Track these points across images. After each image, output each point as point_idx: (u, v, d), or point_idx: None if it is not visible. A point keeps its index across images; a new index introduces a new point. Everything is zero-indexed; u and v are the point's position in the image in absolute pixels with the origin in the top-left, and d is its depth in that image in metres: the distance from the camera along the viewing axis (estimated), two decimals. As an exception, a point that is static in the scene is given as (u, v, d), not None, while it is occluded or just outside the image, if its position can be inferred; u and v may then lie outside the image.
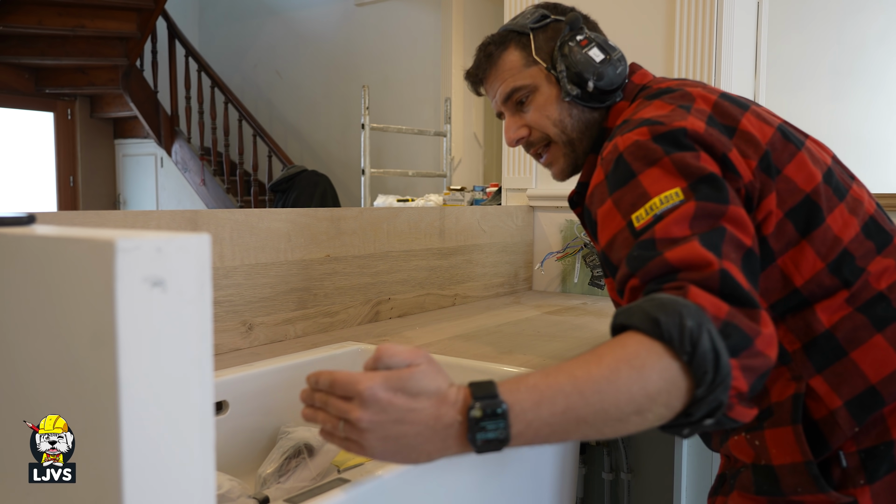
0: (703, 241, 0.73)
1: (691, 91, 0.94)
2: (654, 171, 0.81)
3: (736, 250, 0.75)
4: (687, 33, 2.04)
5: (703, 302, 0.68)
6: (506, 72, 1.07)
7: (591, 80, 1.01)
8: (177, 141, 5.88)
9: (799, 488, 0.83)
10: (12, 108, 5.91)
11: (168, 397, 0.48)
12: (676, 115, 0.87)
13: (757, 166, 0.85)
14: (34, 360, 0.52)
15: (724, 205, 0.77)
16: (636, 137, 0.85)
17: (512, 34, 1.08)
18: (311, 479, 1.02)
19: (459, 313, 1.74)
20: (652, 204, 0.78)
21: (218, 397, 1.06)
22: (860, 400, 0.82)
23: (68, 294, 0.48)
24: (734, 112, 0.90)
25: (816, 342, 0.84)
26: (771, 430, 0.85)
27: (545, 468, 1.04)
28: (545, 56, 1.05)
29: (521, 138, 1.09)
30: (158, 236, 0.47)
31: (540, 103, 1.06)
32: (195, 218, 1.24)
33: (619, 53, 1.04)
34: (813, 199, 0.86)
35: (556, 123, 1.06)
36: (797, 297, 0.85)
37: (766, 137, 0.88)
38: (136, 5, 5.34)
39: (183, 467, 0.50)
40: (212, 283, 0.52)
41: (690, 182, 0.79)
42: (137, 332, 0.46)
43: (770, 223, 0.84)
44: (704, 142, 0.83)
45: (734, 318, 0.68)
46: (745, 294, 0.70)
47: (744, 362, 0.67)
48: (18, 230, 0.55)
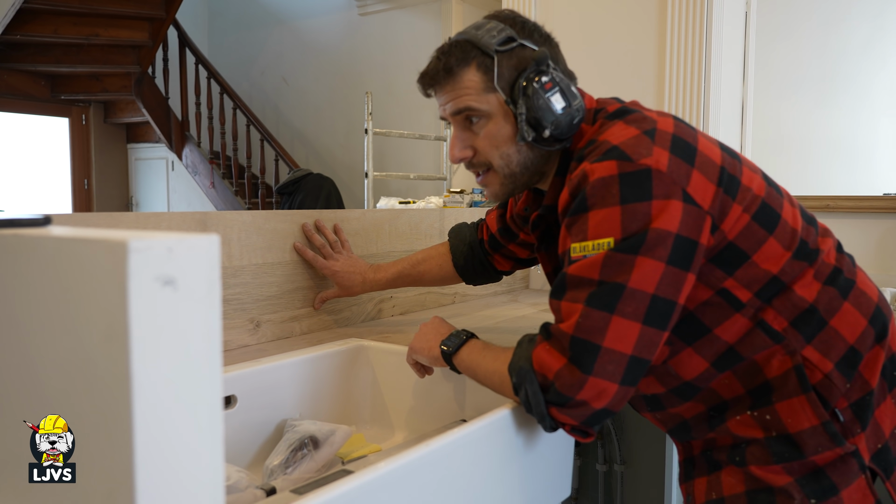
0: (591, 300, 0.85)
1: (649, 115, 0.95)
2: (603, 213, 0.86)
3: (633, 302, 0.84)
4: (677, 42, 2.04)
5: (538, 359, 0.87)
6: (462, 89, 1.00)
7: (548, 128, 0.97)
8: (187, 145, 5.88)
9: (819, 448, 0.89)
10: (29, 113, 5.91)
11: (178, 392, 0.48)
12: (642, 148, 0.88)
13: (717, 187, 0.89)
14: (49, 357, 0.52)
15: (635, 255, 0.84)
16: (603, 173, 0.87)
17: (475, 51, 0.99)
18: (316, 471, 1.02)
19: (459, 311, 1.74)
20: (585, 245, 0.87)
21: (226, 392, 1.06)
22: (845, 359, 0.92)
23: (82, 293, 0.49)
24: (691, 133, 0.94)
25: (803, 317, 0.92)
26: (782, 402, 0.91)
27: (541, 460, 1.04)
28: (506, 85, 0.98)
29: (464, 158, 1.04)
30: (169, 237, 0.47)
31: (491, 132, 1.01)
32: (205, 219, 1.24)
33: (579, 102, 0.99)
34: (767, 202, 0.94)
35: (503, 157, 1.02)
36: (777, 283, 0.92)
37: (717, 155, 0.92)
38: (148, 15, 5.34)
39: (193, 459, 0.50)
40: (220, 282, 0.52)
41: (625, 235, 0.84)
42: (149, 329, 0.46)
43: (735, 229, 0.90)
44: (666, 181, 0.86)
45: (559, 377, 0.85)
46: (586, 355, 0.84)
47: (563, 412, 0.86)
48: (35, 231, 0.55)
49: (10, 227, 0.57)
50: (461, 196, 2.79)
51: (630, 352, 0.84)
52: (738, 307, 0.91)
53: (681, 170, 0.87)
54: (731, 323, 0.91)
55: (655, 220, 0.84)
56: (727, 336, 0.92)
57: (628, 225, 0.84)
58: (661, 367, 0.97)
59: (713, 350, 0.93)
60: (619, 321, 0.83)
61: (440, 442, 0.82)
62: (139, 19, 5.36)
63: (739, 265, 0.90)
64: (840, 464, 0.90)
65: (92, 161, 6.29)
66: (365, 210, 1.71)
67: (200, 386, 0.50)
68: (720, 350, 0.93)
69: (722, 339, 0.92)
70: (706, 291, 0.91)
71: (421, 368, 1.17)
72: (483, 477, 0.91)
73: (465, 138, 1.03)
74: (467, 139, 1.03)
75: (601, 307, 0.84)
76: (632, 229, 0.84)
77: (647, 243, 0.84)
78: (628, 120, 0.94)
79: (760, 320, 0.91)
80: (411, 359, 1.15)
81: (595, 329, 0.83)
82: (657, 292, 0.84)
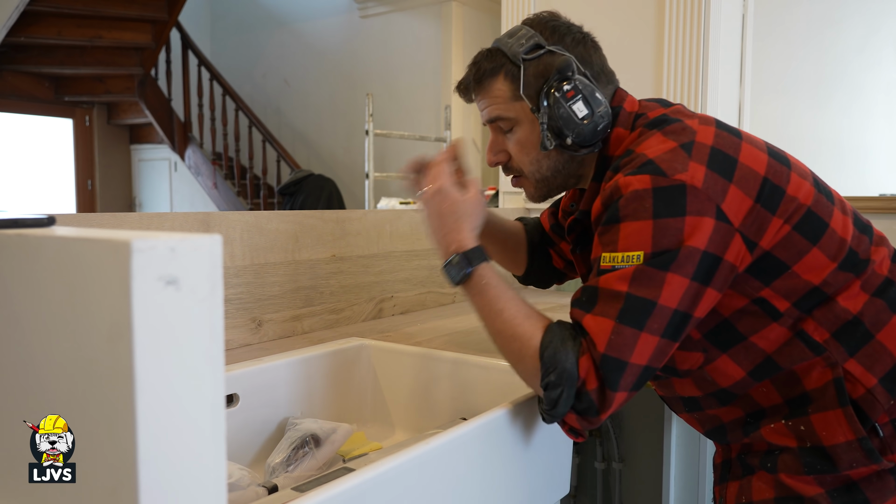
0: (622, 316, 0.83)
1: (690, 124, 0.93)
2: (634, 226, 0.85)
3: (659, 318, 0.83)
4: (675, 44, 2.04)
5: (585, 367, 0.84)
6: (493, 98, 1.01)
7: (570, 136, 0.97)
8: (190, 146, 5.88)
9: (854, 463, 0.87)
10: (33, 114, 5.92)
11: (181, 390, 0.48)
12: (678, 162, 0.86)
13: (754, 202, 0.87)
14: (52, 356, 0.52)
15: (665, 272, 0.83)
16: (637, 186, 0.85)
17: (504, 61, 0.99)
18: (317, 469, 1.02)
19: (459, 310, 1.74)
20: (615, 256, 0.86)
21: (229, 390, 1.06)
22: (891, 375, 0.88)
23: (86, 292, 0.49)
24: (734, 143, 0.91)
25: (846, 329, 0.89)
26: (817, 414, 0.89)
27: (540, 458, 1.04)
28: (532, 94, 0.98)
29: (499, 163, 1.06)
30: (172, 237, 0.47)
31: (521, 140, 1.02)
32: (207, 220, 1.24)
33: (605, 108, 0.97)
34: (813, 211, 0.90)
35: (532, 162, 1.03)
36: (819, 294, 0.89)
37: (762, 164, 0.90)
38: (151, 17, 5.34)
39: (195, 457, 0.50)
40: (223, 282, 0.52)
41: (656, 250, 0.83)
42: (152, 329, 0.46)
43: (774, 241, 0.88)
44: (700, 197, 0.84)
45: (594, 392, 0.83)
46: (616, 373, 0.83)
47: (582, 420, 0.86)
48: (39, 231, 0.55)
49: (15, 228, 0.57)
50: (461, 196, 2.79)
51: (645, 363, 0.84)
52: (776, 317, 0.89)
53: (717, 185, 0.85)
54: (768, 332, 0.90)
55: (689, 238, 0.83)
56: (763, 344, 0.90)
57: (660, 240, 0.83)
58: (697, 373, 0.96)
59: (749, 358, 0.91)
60: (645, 337, 0.83)
61: (440, 440, 0.82)
62: (142, 21, 5.36)
63: (778, 276, 0.89)
64: (876, 480, 0.87)
65: (95, 162, 6.29)
66: (366, 210, 1.71)
67: (203, 384, 0.50)
68: (757, 359, 0.91)
69: (758, 346, 0.91)
70: (741, 300, 0.90)
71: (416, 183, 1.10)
72: (483, 474, 0.91)
73: (498, 143, 1.05)
74: (500, 144, 1.05)
75: (632, 324, 0.83)
76: (663, 245, 0.83)
77: (678, 260, 0.83)
78: (667, 132, 0.92)
79: (801, 331, 0.89)
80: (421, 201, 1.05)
81: (625, 346, 0.83)
82: (678, 307, 0.84)
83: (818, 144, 3.19)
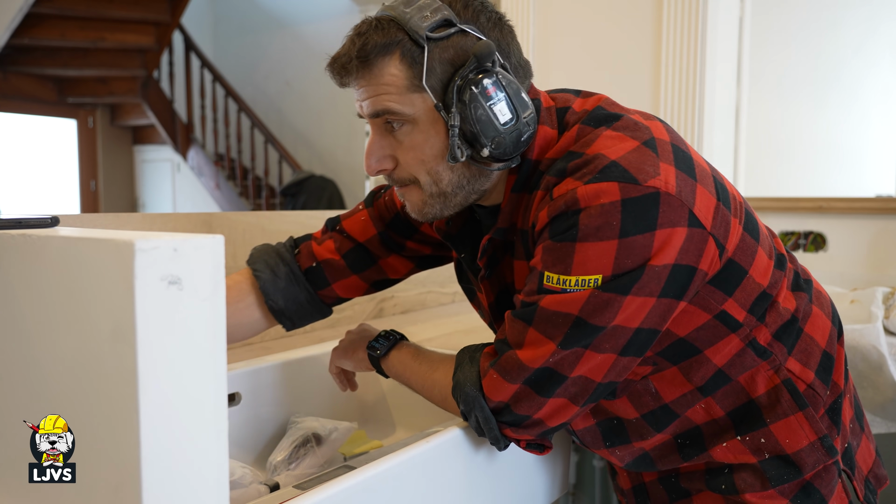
0: (566, 341, 0.73)
1: (636, 119, 0.80)
2: (596, 248, 0.71)
3: (612, 339, 0.73)
4: (672, 45, 2.04)
5: (489, 387, 0.78)
6: (381, 86, 0.77)
7: (487, 146, 0.76)
8: (192, 147, 5.88)
9: (817, 463, 0.82)
10: (37, 115, 5.92)
11: (184, 388, 0.49)
12: (648, 165, 0.73)
13: (717, 200, 0.77)
14: (55, 356, 0.52)
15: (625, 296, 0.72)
16: (604, 199, 0.71)
17: (401, 37, 0.76)
18: (318, 467, 1.02)
19: (459, 310, 1.74)
20: (566, 279, 0.73)
21: (231, 389, 1.06)
22: (822, 365, 0.85)
23: (90, 292, 0.49)
24: (679, 136, 0.82)
25: (786, 328, 0.83)
26: (778, 423, 0.82)
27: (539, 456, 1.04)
28: (437, 84, 0.77)
29: (383, 171, 0.83)
30: (175, 237, 0.47)
31: (417, 143, 0.79)
32: (210, 220, 1.24)
33: (531, 114, 0.78)
34: (748, 210, 0.85)
35: (430, 173, 0.81)
36: (767, 297, 0.82)
37: (703, 161, 0.81)
38: (154, 19, 5.35)
39: (198, 454, 0.50)
40: (225, 282, 0.52)
41: (616, 272, 0.71)
42: (155, 327, 0.46)
43: (733, 243, 0.79)
44: (674, 204, 0.72)
45: (516, 400, 0.77)
46: (549, 383, 0.75)
47: (518, 431, 0.79)
48: (43, 232, 0.55)
49: (19, 228, 0.57)
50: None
51: (599, 380, 0.76)
52: (735, 328, 0.80)
53: (687, 187, 0.74)
54: (724, 344, 0.80)
55: (654, 257, 0.71)
56: (717, 359, 0.81)
57: (622, 261, 0.71)
58: (640, 384, 0.84)
59: (701, 374, 0.81)
60: (592, 355, 0.74)
61: (440, 438, 0.82)
62: (145, 24, 5.36)
63: (738, 283, 0.79)
64: (824, 473, 0.84)
65: (99, 163, 6.29)
66: (366, 211, 1.71)
67: (205, 383, 0.50)
68: (708, 374, 0.81)
69: (712, 361, 0.81)
70: (703, 316, 0.79)
71: (344, 380, 1.05)
72: (482, 471, 0.91)
73: (384, 146, 0.81)
74: (387, 147, 0.81)
75: (577, 345, 0.73)
76: (626, 266, 0.71)
77: (640, 282, 0.71)
78: (617, 127, 0.77)
79: (752, 339, 0.81)
80: (334, 367, 1.04)
81: (565, 364, 0.74)
82: (642, 325, 0.74)
83: (814, 145, 3.19)
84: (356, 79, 0.79)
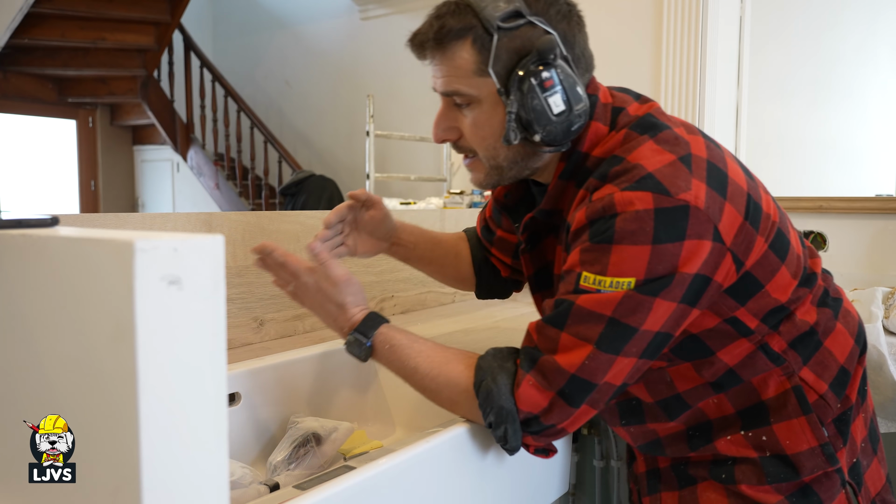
0: (601, 341, 0.78)
1: (679, 133, 0.85)
2: (631, 251, 0.77)
3: (639, 342, 0.79)
4: (673, 46, 2.04)
5: (524, 398, 0.80)
6: (453, 69, 0.86)
7: (539, 133, 0.84)
8: (192, 147, 5.88)
9: (815, 469, 0.87)
10: (37, 115, 5.92)
11: (184, 388, 0.48)
12: (681, 179, 0.78)
13: (743, 220, 0.82)
14: (55, 356, 0.52)
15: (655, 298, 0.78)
16: (639, 206, 0.77)
17: (474, 23, 0.83)
18: (318, 467, 1.02)
19: (459, 310, 1.74)
20: (601, 279, 0.78)
21: (231, 389, 1.06)
22: (838, 380, 0.90)
23: (90, 292, 0.49)
24: (721, 156, 0.86)
25: (802, 339, 0.88)
26: (780, 424, 0.87)
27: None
28: (501, 70, 0.84)
29: (448, 140, 0.92)
30: (175, 237, 0.47)
31: (479, 121, 0.88)
32: (209, 220, 1.24)
33: (584, 106, 0.84)
34: (780, 228, 0.88)
35: (489, 148, 0.89)
36: (784, 310, 0.88)
37: (743, 180, 0.85)
38: (154, 19, 5.35)
39: (198, 455, 0.50)
40: (225, 281, 0.52)
41: (649, 277, 0.77)
42: (155, 328, 0.46)
43: (753, 259, 0.84)
44: (701, 218, 0.78)
45: (547, 412, 0.80)
46: (581, 393, 0.79)
47: (537, 438, 0.83)
48: (43, 232, 0.55)
49: (19, 228, 0.57)
50: (461, 197, 2.79)
51: (619, 383, 0.81)
52: (746, 333, 0.86)
53: (715, 204, 0.79)
54: (735, 346, 0.87)
55: (684, 265, 0.77)
56: (728, 359, 0.87)
57: (654, 267, 0.76)
58: (656, 373, 0.90)
59: (712, 371, 0.88)
60: (621, 360, 0.79)
61: (440, 438, 0.82)
62: (145, 24, 5.36)
63: (752, 295, 0.85)
64: (825, 479, 0.87)
65: (98, 163, 6.29)
66: (366, 211, 1.70)
67: (205, 383, 0.50)
68: (719, 371, 0.88)
69: (723, 361, 0.87)
70: (713, 319, 0.85)
71: None
72: (483, 472, 0.91)
73: (450, 118, 0.91)
74: (452, 119, 0.91)
75: (610, 350, 0.78)
76: (658, 272, 0.77)
77: (669, 287, 0.77)
78: (660, 140, 0.83)
79: (764, 344, 0.87)
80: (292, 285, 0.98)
81: (599, 370, 0.78)
82: (661, 329, 0.79)
83: (815, 145, 3.19)
84: (431, 57, 0.89)
